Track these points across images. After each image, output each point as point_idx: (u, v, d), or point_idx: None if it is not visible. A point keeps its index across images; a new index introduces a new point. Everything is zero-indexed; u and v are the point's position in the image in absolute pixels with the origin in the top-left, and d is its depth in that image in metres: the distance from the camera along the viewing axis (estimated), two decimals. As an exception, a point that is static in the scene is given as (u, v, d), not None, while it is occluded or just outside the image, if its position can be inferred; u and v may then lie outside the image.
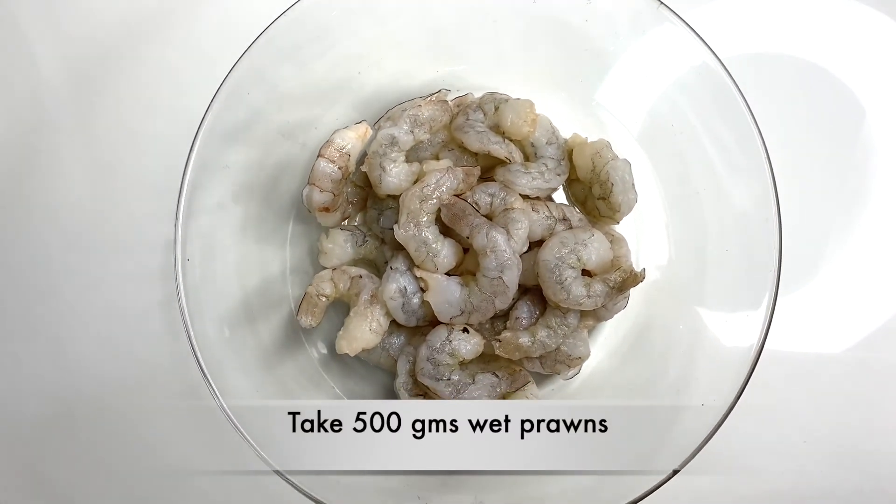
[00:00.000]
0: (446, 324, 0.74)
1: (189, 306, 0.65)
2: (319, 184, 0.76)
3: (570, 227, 0.77)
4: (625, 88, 0.80)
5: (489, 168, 0.77)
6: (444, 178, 0.74)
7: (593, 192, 0.78)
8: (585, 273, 0.75)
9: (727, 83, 0.67)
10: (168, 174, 0.73)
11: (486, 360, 0.76)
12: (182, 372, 0.77)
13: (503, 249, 0.72)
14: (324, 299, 0.77)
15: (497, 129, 0.77)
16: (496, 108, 0.78)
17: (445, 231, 0.74)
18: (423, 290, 0.74)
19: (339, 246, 0.79)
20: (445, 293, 0.73)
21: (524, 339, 0.75)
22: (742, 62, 0.78)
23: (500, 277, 0.72)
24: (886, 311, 0.86)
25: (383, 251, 0.79)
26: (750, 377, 0.64)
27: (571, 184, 0.81)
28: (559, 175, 0.78)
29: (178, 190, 0.66)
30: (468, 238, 0.72)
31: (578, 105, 0.82)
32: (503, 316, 0.77)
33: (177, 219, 0.66)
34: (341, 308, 0.79)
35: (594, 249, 0.75)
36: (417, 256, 0.73)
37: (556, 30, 0.78)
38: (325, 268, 0.79)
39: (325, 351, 0.82)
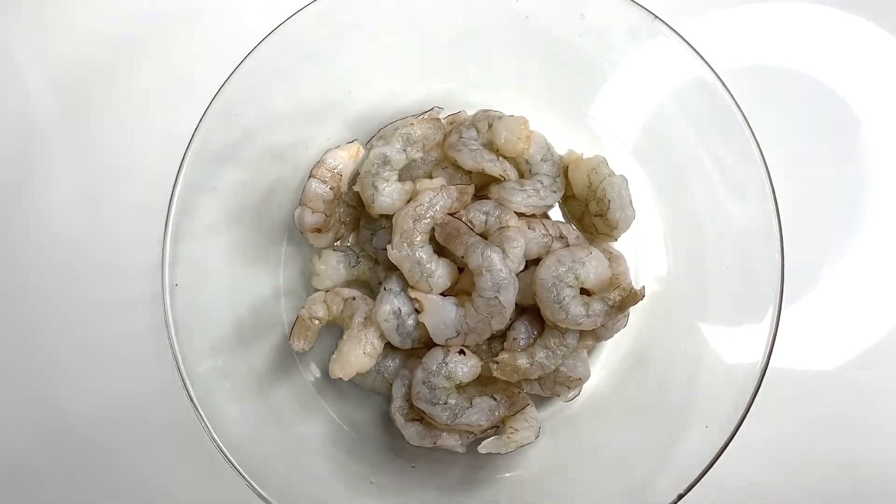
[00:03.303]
0: (442, 346, 0.72)
1: (178, 334, 0.64)
2: (311, 204, 0.74)
3: (567, 245, 0.75)
4: (620, 103, 0.79)
5: (483, 186, 0.76)
6: (437, 197, 0.72)
7: (590, 208, 0.76)
8: (584, 292, 0.73)
9: (724, 96, 0.67)
10: (156, 197, 0.71)
11: (483, 382, 0.75)
12: (173, 401, 0.74)
13: (499, 269, 0.70)
14: (317, 322, 0.75)
15: (491, 147, 0.76)
16: (490, 126, 0.77)
17: (440, 251, 0.73)
18: (417, 312, 0.72)
19: (332, 267, 0.78)
20: (441, 314, 0.72)
21: (522, 361, 0.73)
22: (737, 74, 0.77)
23: (497, 297, 0.70)
24: (885, 325, 0.84)
25: (377, 272, 0.78)
26: (755, 397, 0.62)
27: (567, 201, 0.80)
28: (555, 192, 0.77)
29: (166, 213, 0.64)
30: (463, 257, 0.70)
31: (573, 121, 0.81)
32: (500, 337, 0.75)
33: (164, 243, 0.64)
34: (335, 330, 0.77)
35: (592, 267, 0.73)
36: (411, 277, 0.71)
37: (549, 45, 0.78)
38: (317, 290, 0.77)
39: (319, 374, 0.80)
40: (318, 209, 0.74)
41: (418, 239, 0.72)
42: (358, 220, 0.79)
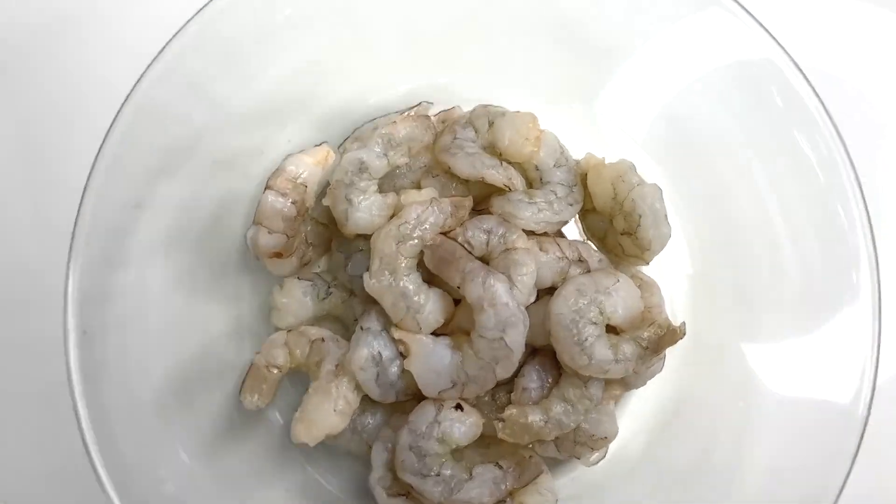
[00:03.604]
0: (434, 399, 0.63)
1: (87, 394, 0.49)
2: (268, 223, 0.64)
3: (589, 271, 0.65)
4: (646, 98, 0.70)
5: (484, 198, 0.67)
6: (427, 213, 0.62)
7: (615, 225, 0.67)
8: (610, 330, 0.64)
9: (800, 86, 0.52)
10: (72, 214, 0.57)
11: (485, 444, 0.65)
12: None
13: (505, 302, 0.60)
14: (275, 372, 0.64)
15: (492, 150, 0.67)
16: (490, 124, 0.67)
17: (430, 279, 0.64)
18: (402, 357, 0.63)
19: (296, 300, 0.67)
20: (432, 360, 0.62)
21: (535, 417, 0.63)
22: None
23: (502, 338, 0.60)
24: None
25: (352, 306, 0.68)
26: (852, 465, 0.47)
27: (587, 216, 0.71)
28: (571, 205, 0.67)
29: (71, 235, 0.49)
30: (459, 288, 0.61)
31: (590, 120, 0.72)
32: (506, 386, 0.66)
33: (67, 276, 0.49)
34: (300, 380, 0.69)
35: (620, 299, 0.63)
36: (395, 313, 0.62)
37: (560, 27, 0.68)
38: (278, 329, 0.67)
39: (281, 433, 0.69)
40: (277, 228, 0.64)
41: (403, 265, 0.62)
42: (329, 242, 0.70)
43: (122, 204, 0.59)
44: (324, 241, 0.70)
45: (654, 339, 0.62)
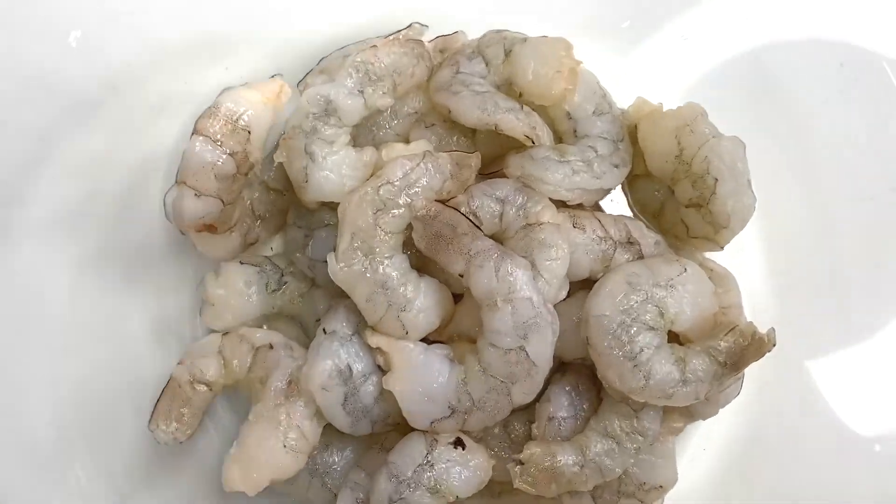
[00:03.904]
0: (424, 432, 0.53)
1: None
2: (195, 182, 0.52)
3: (641, 257, 0.55)
4: (721, 23, 0.62)
5: (495, 158, 0.58)
6: (418, 171, 0.51)
7: (678, 194, 0.57)
8: (672, 338, 0.54)
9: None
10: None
11: (495, 494, 0.57)
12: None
13: (526, 296, 0.49)
14: (203, 390, 0.54)
15: (509, 90, 0.58)
16: (507, 54, 0.57)
17: (421, 265, 0.55)
18: (382, 372, 0.54)
19: (237, 293, 0.57)
20: (422, 377, 0.52)
21: (565, 459, 0.52)
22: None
23: (522, 348, 0.50)
24: None
25: (313, 301, 0.60)
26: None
27: (635, 183, 0.61)
28: (617, 167, 0.56)
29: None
30: (462, 277, 0.52)
31: (638, 55, 0.64)
32: (525, 414, 0.57)
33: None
34: (240, 402, 0.60)
35: (688, 295, 0.52)
36: (372, 310, 0.52)
37: None
38: (213, 331, 0.58)
39: (218, 471, 0.56)
40: (208, 190, 0.52)
41: (384, 244, 0.51)
42: (284, 215, 0.61)
43: (6, 165, 0.52)
44: (277, 213, 0.61)
45: (734, 350, 0.51)
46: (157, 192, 0.57)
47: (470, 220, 0.50)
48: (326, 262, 0.53)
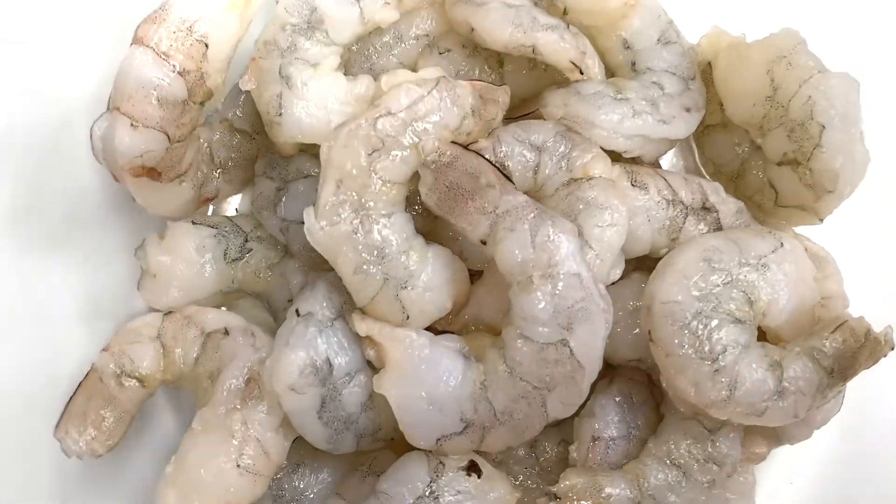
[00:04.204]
0: (428, 452, 0.44)
1: None
2: (132, 107, 0.41)
3: (719, 228, 0.45)
4: None
5: (529, 98, 0.49)
6: (429, 102, 0.41)
7: (767, 148, 0.47)
8: (760, 335, 0.44)
9: None
10: None
11: None
12: None
13: (573, 271, 0.38)
14: (133, 386, 0.43)
15: (550, 6, 0.47)
16: None
17: (430, 230, 0.47)
18: (372, 369, 0.44)
19: (186, 261, 0.47)
20: (427, 378, 0.41)
21: (615, 493, 0.42)
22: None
23: (565, 342, 0.38)
24: None
25: (286, 274, 0.49)
26: None
27: (708, 135, 0.51)
28: (688, 110, 0.46)
29: None
30: (484, 243, 0.42)
31: None
32: (557, 429, 0.46)
33: None
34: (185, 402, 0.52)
35: (785, 279, 0.41)
36: (362, 285, 0.42)
37: None
38: (153, 310, 0.49)
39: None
40: (149, 119, 0.41)
41: (380, 197, 0.41)
42: (252, 164, 0.51)
43: None
44: (243, 162, 0.50)
45: (843, 353, 0.41)
46: (84, 129, 0.47)
47: (497, 168, 0.40)
48: (301, 223, 0.43)
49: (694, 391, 0.41)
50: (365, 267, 0.41)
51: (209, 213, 0.54)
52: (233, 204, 0.54)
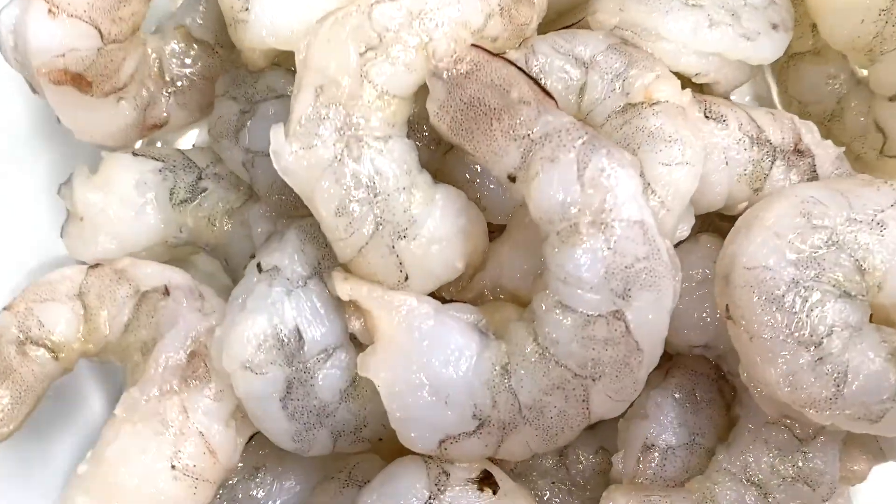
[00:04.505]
0: (426, 458, 0.34)
1: None
2: None
3: (814, 177, 0.36)
4: None
5: (564, 12, 0.41)
6: None
7: (875, 80, 0.39)
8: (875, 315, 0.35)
9: None
10: None
11: None
12: None
13: (635, 218, 0.29)
14: (42, 357, 0.34)
15: None
16: None
17: (439, 168, 0.37)
18: (357, 346, 0.35)
19: (121, 201, 0.38)
20: (429, 358, 0.32)
21: None
22: None
23: (620, 314, 0.29)
24: None
25: (248, 222, 0.40)
26: None
27: (795, 67, 0.43)
28: (776, 28, 0.37)
29: None
30: (512, 180, 0.32)
31: None
32: (593, 435, 0.38)
33: None
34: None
35: None
36: (345, 231, 0.32)
37: None
38: (79, 262, 0.40)
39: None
40: (74, 7, 0.33)
41: (375, 113, 0.32)
42: (212, 83, 0.42)
43: None
44: (201, 81, 0.42)
45: None
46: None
47: (533, 80, 0.31)
48: (269, 155, 0.34)
49: (787, 386, 0.32)
50: (351, 207, 0.32)
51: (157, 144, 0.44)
52: (189, 140, 0.43)
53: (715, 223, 0.36)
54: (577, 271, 0.30)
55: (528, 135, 0.31)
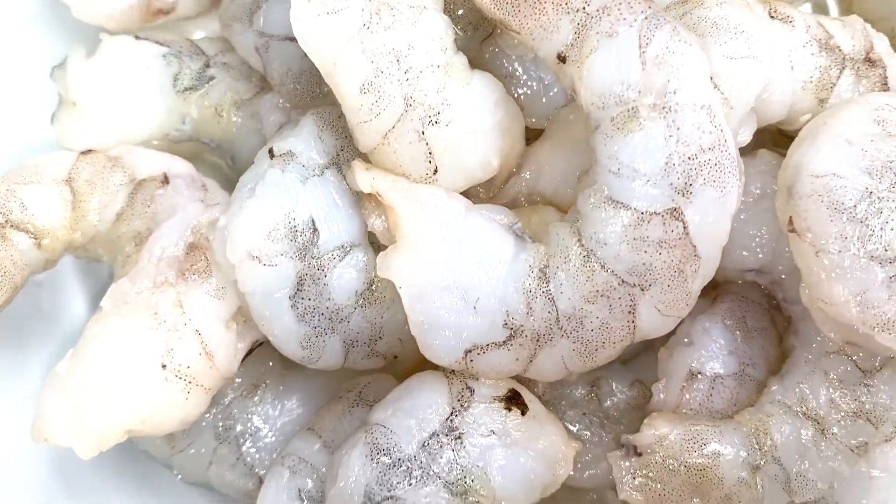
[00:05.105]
0: (447, 373, 0.30)
1: None
2: None
3: (885, 87, 0.32)
4: None
5: None
6: None
7: None
8: None
9: None
10: None
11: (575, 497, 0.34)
12: None
13: (700, 103, 0.26)
14: (22, 245, 0.30)
15: None
16: None
17: (476, 56, 0.32)
18: (377, 247, 0.31)
19: (119, 86, 0.34)
20: (458, 259, 0.28)
21: (723, 451, 0.28)
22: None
23: (678, 213, 0.26)
24: None
25: (261, 110, 0.34)
26: None
27: None
28: None
29: None
30: (561, 59, 0.28)
31: None
32: (624, 367, 0.34)
33: None
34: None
35: None
36: (369, 113, 0.28)
37: None
38: (68, 150, 0.36)
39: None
40: None
41: None
42: None
43: None
44: None
45: None
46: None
47: None
48: (287, 39, 0.30)
49: (857, 305, 0.28)
50: (377, 83, 0.27)
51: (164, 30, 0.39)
52: (196, 36, 0.38)
53: (774, 140, 0.31)
54: (632, 161, 0.26)
55: (584, 7, 0.27)
